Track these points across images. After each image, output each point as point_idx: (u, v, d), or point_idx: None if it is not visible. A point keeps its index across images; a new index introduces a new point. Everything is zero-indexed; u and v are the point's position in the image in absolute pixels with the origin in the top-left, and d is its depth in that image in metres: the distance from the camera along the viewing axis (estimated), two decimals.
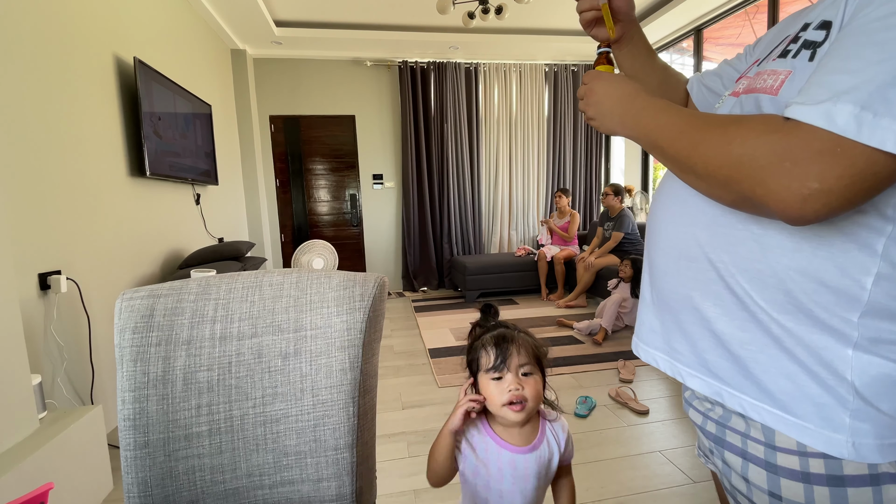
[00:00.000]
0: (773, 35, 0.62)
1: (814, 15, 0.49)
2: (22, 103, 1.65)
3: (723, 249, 0.52)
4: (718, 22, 4.08)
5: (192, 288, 0.75)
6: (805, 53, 0.47)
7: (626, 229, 3.91)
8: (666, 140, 0.51)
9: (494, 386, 0.77)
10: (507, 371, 0.76)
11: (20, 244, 1.59)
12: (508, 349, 0.77)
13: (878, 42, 0.38)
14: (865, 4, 0.41)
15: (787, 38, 0.52)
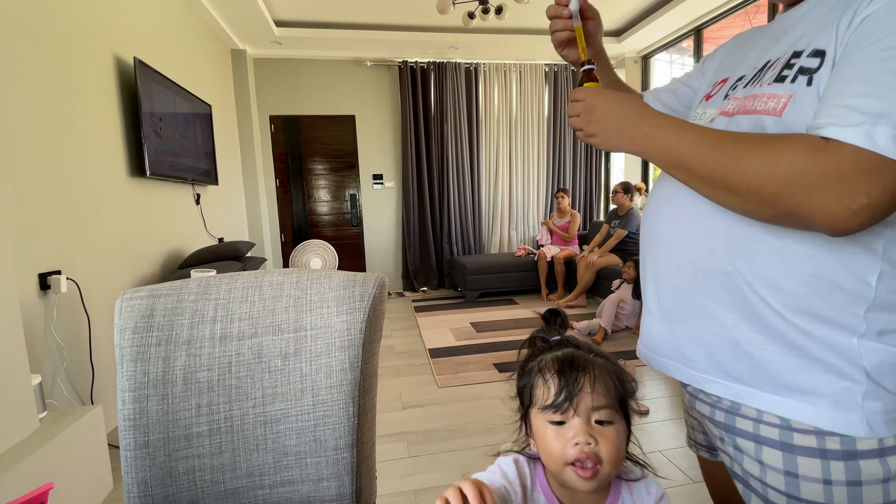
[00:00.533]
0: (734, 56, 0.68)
1: (802, 43, 0.53)
2: (22, 103, 1.65)
3: (740, 259, 0.55)
4: (718, 22, 4.08)
5: (192, 288, 0.75)
6: (802, 79, 0.51)
7: (632, 228, 3.91)
8: (694, 158, 0.52)
9: (554, 432, 0.53)
10: (575, 415, 0.52)
11: (20, 244, 1.59)
12: (578, 382, 0.53)
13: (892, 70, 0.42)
14: (867, 35, 0.45)
15: (774, 63, 0.56)
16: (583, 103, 0.60)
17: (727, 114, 0.59)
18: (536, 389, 0.56)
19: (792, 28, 0.57)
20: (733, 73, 0.65)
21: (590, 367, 0.54)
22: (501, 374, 2.61)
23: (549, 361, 0.56)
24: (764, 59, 0.59)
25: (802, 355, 0.52)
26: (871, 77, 0.43)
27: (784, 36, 0.57)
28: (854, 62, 0.45)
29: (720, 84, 0.66)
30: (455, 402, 2.28)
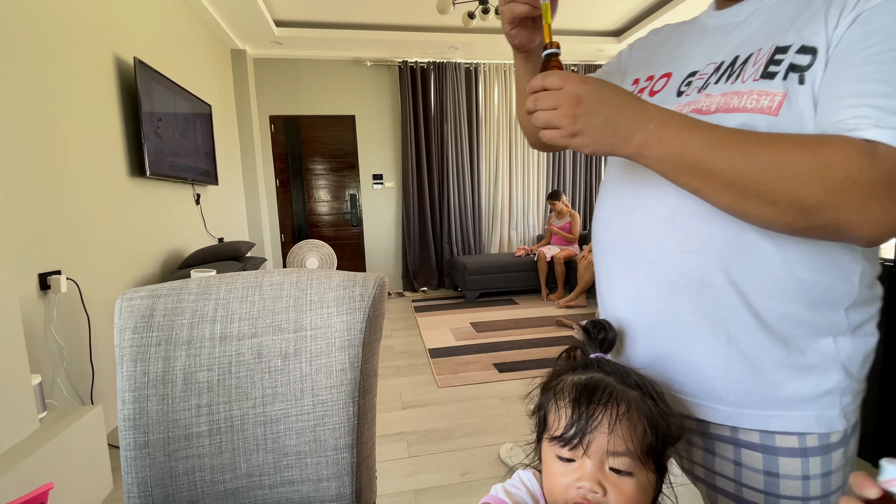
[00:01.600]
0: (663, 51, 0.64)
1: (785, 37, 0.49)
2: (22, 103, 1.65)
3: (739, 271, 0.50)
4: None
5: (192, 288, 0.75)
6: (794, 76, 0.47)
7: None
8: (719, 161, 0.43)
9: (560, 468, 0.46)
10: (585, 455, 0.44)
11: (20, 244, 1.59)
12: (595, 417, 0.44)
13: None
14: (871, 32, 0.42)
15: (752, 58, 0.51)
16: (562, 93, 0.46)
17: (701, 111, 0.52)
18: (549, 415, 0.49)
19: (749, 21, 0.54)
20: (675, 67, 0.60)
21: (614, 402, 0.44)
22: (501, 374, 2.61)
23: (568, 385, 0.48)
24: (727, 54, 0.54)
25: (794, 367, 0.51)
26: (890, 77, 0.41)
27: (741, 29, 0.54)
28: (863, 60, 0.42)
29: (663, 78, 0.61)
30: (455, 402, 2.28)
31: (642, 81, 0.64)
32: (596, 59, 5.10)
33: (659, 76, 0.62)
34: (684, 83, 0.58)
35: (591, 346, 0.54)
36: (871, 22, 0.43)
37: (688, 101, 0.55)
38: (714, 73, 0.54)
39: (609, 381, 0.47)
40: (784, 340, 0.51)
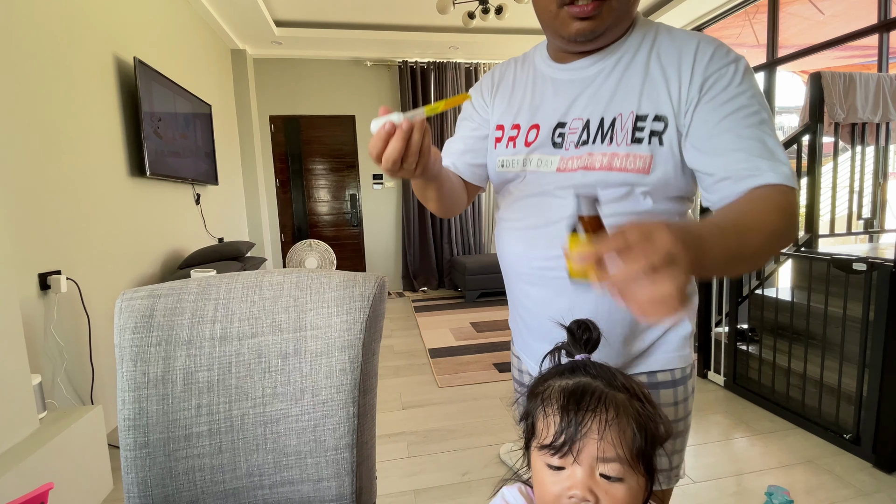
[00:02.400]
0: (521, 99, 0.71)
1: (639, 106, 0.60)
2: (22, 103, 1.65)
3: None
4: (718, 22, 4.08)
5: (192, 288, 0.75)
6: (655, 140, 0.59)
7: None
8: (751, 251, 0.52)
9: (550, 476, 0.45)
10: (575, 463, 0.44)
11: (20, 244, 1.59)
12: (584, 424, 0.44)
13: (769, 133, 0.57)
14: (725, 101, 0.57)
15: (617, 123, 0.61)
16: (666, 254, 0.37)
17: (589, 168, 0.62)
18: (537, 422, 0.48)
19: (598, 80, 0.63)
20: (539, 119, 0.67)
21: (603, 407, 0.44)
22: (501, 373, 2.61)
23: (555, 391, 0.47)
24: (590, 113, 0.63)
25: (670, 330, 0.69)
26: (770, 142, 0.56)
27: (594, 87, 0.63)
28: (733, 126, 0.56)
29: (532, 129, 0.68)
30: (455, 402, 2.28)
31: (508, 129, 0.71)
32: None
33: (527, 127, 0.68)
34: (556, 135, 0.66)
35: (576, 347, 0.53)
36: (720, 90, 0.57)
37: (570, 155, 0.64)
38: (584, 129, 0.63)
39: (596, 386, 0.46)
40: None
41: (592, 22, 0.58)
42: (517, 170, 0.69)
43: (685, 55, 0.59)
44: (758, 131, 0.56)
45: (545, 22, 0.62)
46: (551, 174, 0.65)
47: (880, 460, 1.63)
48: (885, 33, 2.88)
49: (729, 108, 0.57)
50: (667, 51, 0.61)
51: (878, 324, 1.63)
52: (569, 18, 0.58)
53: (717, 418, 2.06)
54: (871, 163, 2.53)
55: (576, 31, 0.59)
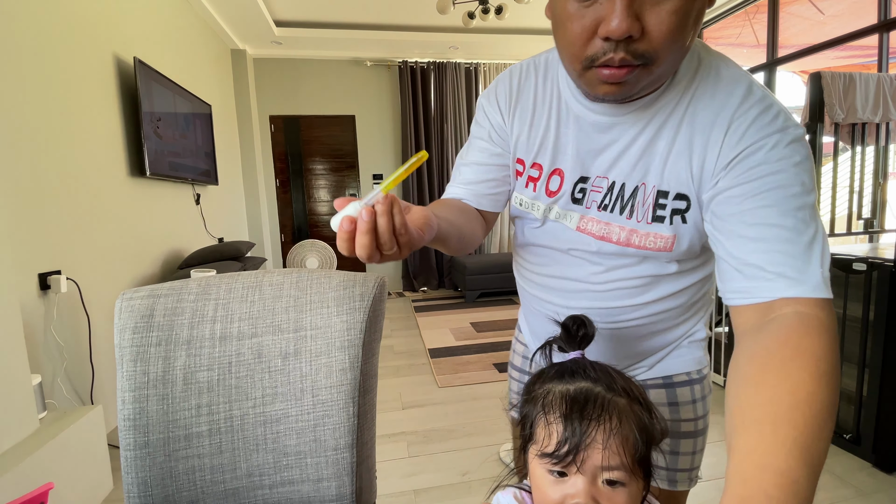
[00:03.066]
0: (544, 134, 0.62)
1: (661, 182, 0.55)
2: (22, 103, 1.65)
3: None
4: (718, 22, 4.08)
5: (192, 288, 0.75)
6: (678, 219, 0.55)
7: None
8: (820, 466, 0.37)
9: (551, 483, 0.44)
10: (578, 472, 0.43)
11: (20, 244, 1.59)
12: (589, 434, 0.43)
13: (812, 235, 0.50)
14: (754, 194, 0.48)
15: (635, 195, 0.57)
16: None
17: (609, 239, 0.59)
18: (537, 428, 0.46)
19: (625, 134, 0.56)
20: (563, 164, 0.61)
21: (606, 416, 0.43)
22: (501, 373, 2.61)
23: (557, 398, 0.46)
24: (615, 175, 0.58)
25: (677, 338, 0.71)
26: (799, 228, 0.47)
27: (619, 142, 0.57)
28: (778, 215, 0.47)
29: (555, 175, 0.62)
30: (455, 402, 2.28)
31: (528, 167, 0.64)
32: None
33: (549, 171, 0.62)
34: (577, 190, 0.61)
35: (571, 343, 0.52)
36: (756, 166, 0.48)
37: (591, 216, 0.61)
38: (608, 193, 0.59)
39: (598, 392, 0.45)
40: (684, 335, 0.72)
41: (624, 87, 0.49)
42: (538, 215, 0.65)
43: (721, 118, 0.51)
44: (796, 219, 0.46)
45: (571, 75, 0.53)
46: (570, 231, 0.62)
47: (880, 460, 1.63)
48: (885, 33, 2.88)
49: (761, 186, 0.47)
50: (703, 111, 0.52)
51: (878, 324, 1.63)
52: (597, 80, 0.49)
53: (718, 418, 2.06)
54: (871, 163, 2.53)
55: (604, 93, 0.50)
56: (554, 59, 0.62)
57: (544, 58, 0.64)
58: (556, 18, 0.50)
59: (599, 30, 0.44)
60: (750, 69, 3.76)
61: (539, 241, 0.68)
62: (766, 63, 3.59)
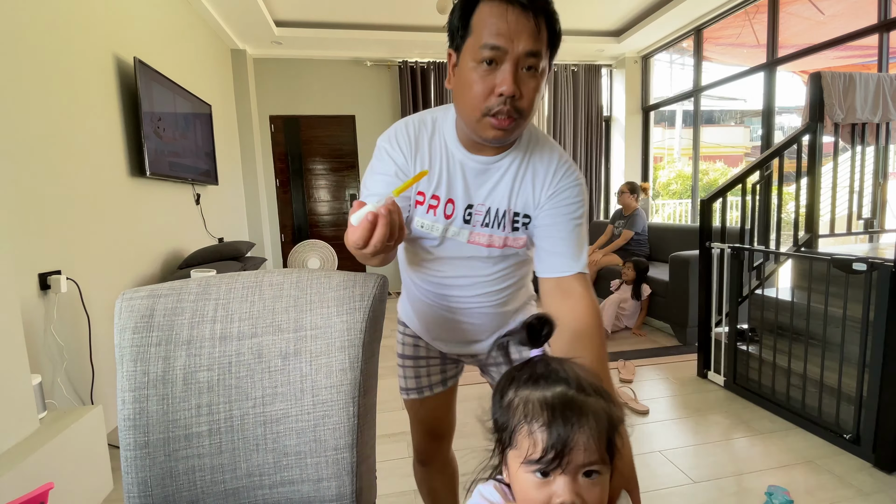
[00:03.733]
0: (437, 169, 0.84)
1: (515, 206, 0.84)
2: (22, 103, 1.65)
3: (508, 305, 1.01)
4: (718, 22, 4.08)
5: (192, 288, 0.75)
6: (524, 228, 0.85)
7: (638, 229, 3.89)
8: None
9: (535, 484, 0.47)
10: (562, 473, 0.46)
11: (20, 244, 1.59)
12: (572, 439, 0.45)
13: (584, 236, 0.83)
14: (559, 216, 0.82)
15: (504, 216, 0.84)
16: None
17: (493, 245, 0.85)
18: (518, 435, 0.48)
19: (497, 178, 0.83)
20: (454, 196, 0.84)
21: (585, 419, 0.46)
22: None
23: (536, 406, 0.48)
24: (491, 202, 0.84)
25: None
26: (582, 240, 0.82)
27: (493, 182, 0.83)
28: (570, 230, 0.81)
29: (449, 203, 0.84)
30: None
31: (429, 198, 0.84)
32: (596, 58, 5.10)
33: (445, 201, 0.84)
34: (466, 213, 0.84)
35: (536, 341, 0.55)
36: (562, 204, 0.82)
37: (477, 231, 0.85)
38: (486, 214, 0.84)
39: (573, 395, 0.48)
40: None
41: (506, 133, 0.73)
42: (437, 234, 0.85)
43: (548, 170, 0.83)
44: (577, 233, 0.82)
45: (468, 122, 0.75)
46: (463, 244, 0.86)
47: (880, 460, 1.63)
48: (885, 33, 2.88)
49: (566, 210, 0.82)
50: (538, 164, 0.83)
51: (878, 324, 1.63)
52: (489, 126, 0.72)
53: (717, 418, 2.06)
54: (871, 163, 2.53)
55: (492, 137, 0.74)
56: (437, 119, 0.86)
57: (429, 118, 0.86)
58: (460, 84, 0.73)
59: (496, 89, 0.69)
60: (750, 69, 3.76)
61: (439, 253, 0.89)
62: (766, 63, 3.60)
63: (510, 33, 0.67)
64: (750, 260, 2.38)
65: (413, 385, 1.07)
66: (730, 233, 2.56)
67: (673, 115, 8.16)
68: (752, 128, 9.83)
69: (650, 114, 5.22)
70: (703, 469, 1.68)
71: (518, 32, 0.67)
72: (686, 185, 7.26)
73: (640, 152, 5.28)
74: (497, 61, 0.68)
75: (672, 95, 4.86)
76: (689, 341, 2.99)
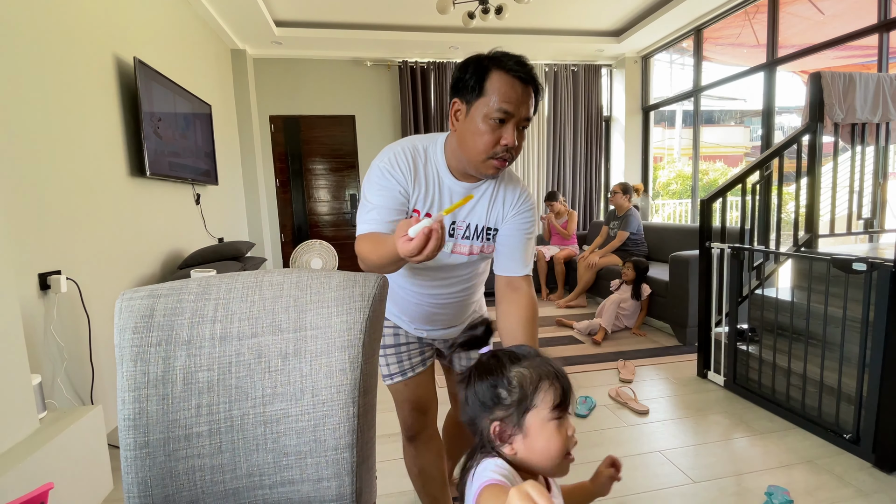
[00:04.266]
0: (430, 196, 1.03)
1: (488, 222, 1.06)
2: (22, 103, 1.65)
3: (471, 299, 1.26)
4: (718, 22, 4.08)
5: (192, 288, 0.75)
6: (493, 238, 1.08)
7: (632, 229, 3.89)
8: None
9: (555, 432, 0.61)
10: (569, 413, 0.63)
11: (20, 244, 1.59)
12: (568, 381, 0.64)
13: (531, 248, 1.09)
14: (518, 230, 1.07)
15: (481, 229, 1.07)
16: None
17: (471, 253, 1.07)
18: (539, 393, 0.62)
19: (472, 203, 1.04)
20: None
21: (561, 369, 0.65)
22: None
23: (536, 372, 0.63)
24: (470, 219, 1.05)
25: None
26: (528, 248, 1.08)
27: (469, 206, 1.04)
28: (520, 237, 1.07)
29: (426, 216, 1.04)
30: None
31: (423, 215, 1.01)
32: (596, 58, 5.10)
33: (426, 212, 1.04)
34: (450, 228, 1.04)
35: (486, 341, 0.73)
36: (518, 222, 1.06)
37: (458, 243, 1.06)
38: (466, 229, 1.05)
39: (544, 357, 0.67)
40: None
41: (500, 171, 0.97)
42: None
43: (516, 195, 1.05)
44: (529, 245, 1.07)
45: (472, 161, 0.95)
46: (447, 253, 1.06)
47: (880, 460, 1.63)
48: (885, 33, 2.88)
49: (523, 227, 1.07)
50: (506, 190, 1.06)
51: (878, 324, 1.63)
52: (491, 166, 0.95)
53: (717, 418, 2.06)
54: (871, 163, 2.53)
55: (492, 174, 0.97)
56: (427, 149, 1.04)
57: (420, 147, 1.03)
58: (469, 131, 0.93)
59: (501, 141, 0.91)
60: (750, 69, 3.76)
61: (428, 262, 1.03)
62: (766, 63, 3.60)
63: (517, 102, 0.89)
64: (750, 260, 2.38)
65: (397, 370, 1.20)
66: (730, 233, 2.56)
67: (673, 115, 8.15)
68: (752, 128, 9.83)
69: (650, 114, 5.22)
70: (703, 469, 1.68)
71: (522, 102, 0.90)
72: (686, 185, 7.25)
73: (640, 152, 5.28)
74: (505, 120, 0.90)
75: (672, 95, 4.86)
76: (689, 341, 2.99)
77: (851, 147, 2.45)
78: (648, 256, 4.03)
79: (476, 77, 0.90)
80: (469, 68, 0.92)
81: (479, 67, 0.91)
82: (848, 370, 1.79)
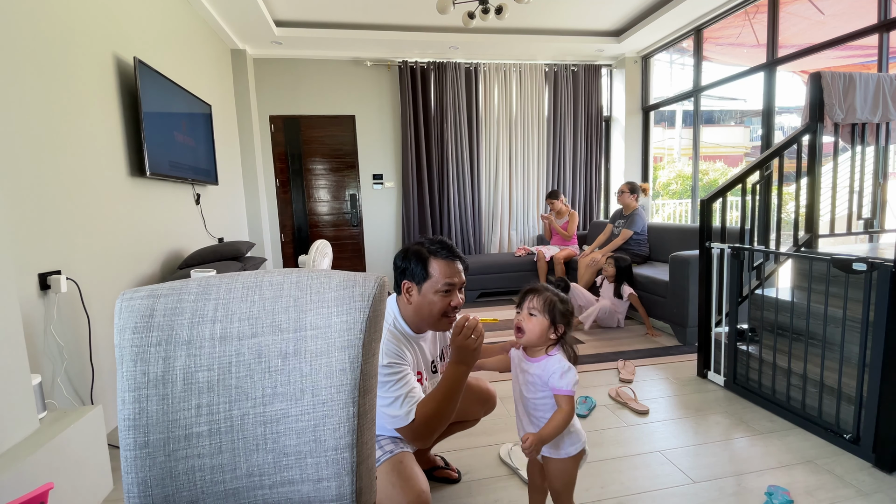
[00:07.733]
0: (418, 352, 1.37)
1: (440, 347, 1.44)
2: (22, 103, 1.65)
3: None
4: (718, 22, 4.08)
5: (192, 288, 0.75)
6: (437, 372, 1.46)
7: (637, 228, 3.89)
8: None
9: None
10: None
11: (20, 244, 1.59)
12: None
13: None
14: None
15: (439, 353, 1.44)
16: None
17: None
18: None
19: (428, 342, 1.37)
20: (423, 366, 1.35)
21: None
22: (501, 373, 2.60)
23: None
24: (432, 357, 1.38)
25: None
26: None
27: (428, 345, 1.37)
28: None
29: (425, 371, 1.35)
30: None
31: (416, 374, 1.27)
32: (596, 58, 5.10)
33: (426, 371, 1.35)
34: (432, 366, 1.38)
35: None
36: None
37: (439, 374, 1.36)
38: (433, 366, 1.38)
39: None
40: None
41: (450, 325, 1.26)
42: (425, 387, 1.34)
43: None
44: None
45: (429, 322, 1.24)
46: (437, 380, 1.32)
47: (880, 460, 1.63)
48: (885, 33, 2.88)
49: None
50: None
51: (878, 324, 1.63)
52: (446, 323, 1.25)
53: (717, 418, 2.06)
54: (871, 163, 2.53)
55: (446, 328, 1.27)
56: (397, 326, 1.26)
57: (396, 330, 1.24)
58: (425, 303, 1.22)
59: (451, 303, 1.23)
60: (750, 69, 3.76)
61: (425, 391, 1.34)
62: (766, 63, 3.60)
63: (455, 275, 1.23)
64: (750, 260, 2.38)
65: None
66: (730, 233, 2.56)
67: (673, 115, 8.15)
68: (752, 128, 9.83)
69: (650, 114, 5.22)
70: (703, 469, 1.68)
71: (457, 273, 1.24)
72: (686, 185, 7.25)
73: (640, 152, 5.28)
74: (450, 291, 1.22)
75: (672, 95, 4.86)
76: (688, 341, 2.99)
77: (851, 147, 2.45)
78: (649, 256, 4.03)
79: (420, 265, 1.21)
80: (412, 259, 1.21)
81: (420, 258, 1.21)
82: (848, 370, 1.79)
